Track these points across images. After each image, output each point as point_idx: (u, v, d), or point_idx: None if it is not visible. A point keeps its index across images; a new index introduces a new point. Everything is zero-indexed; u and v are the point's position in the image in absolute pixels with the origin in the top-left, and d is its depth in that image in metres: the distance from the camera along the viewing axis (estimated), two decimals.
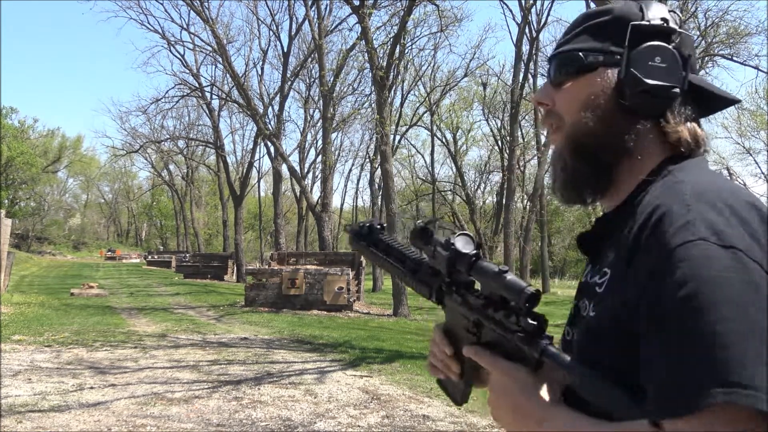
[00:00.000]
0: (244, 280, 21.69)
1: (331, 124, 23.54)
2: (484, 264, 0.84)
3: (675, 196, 0.79)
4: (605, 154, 0.89)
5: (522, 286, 0.79)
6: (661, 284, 0.72)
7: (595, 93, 0.89)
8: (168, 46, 26.78)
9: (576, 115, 0.90)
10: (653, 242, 0.76)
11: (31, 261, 40.00)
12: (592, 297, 0.88)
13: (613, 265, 0.85)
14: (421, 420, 5.68)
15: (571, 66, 0.91)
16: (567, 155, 0.92)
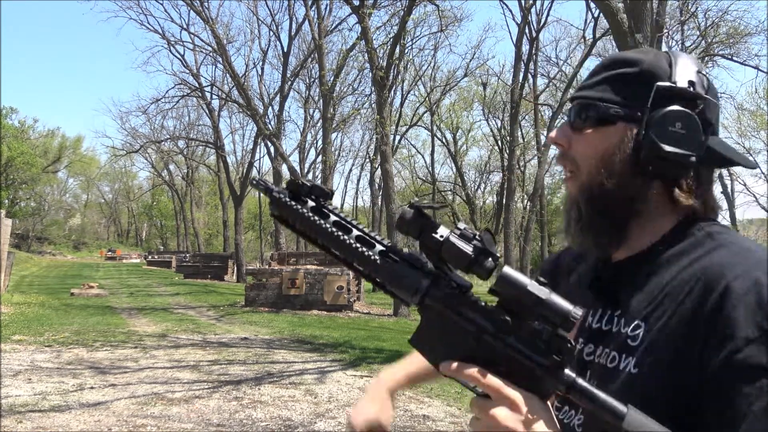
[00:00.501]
0: (244, 280, 21.70)
1: (331, 124, 23.54)
2: (515, 274, 0.75)
3: (756, 266, 0.78)
4: (620, 211, 0.89)
5: (568, 309, 0.72)
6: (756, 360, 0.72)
7: (611, 148, 0.89)
8: (168, 46, 26.78)
9: (592, 167, 0.90)
10: (746, 312, 0.74)
11: (31, 261, 40.00)
12: (625, 349, 0.85)
13: (652, 318, 0.83)
14: (421, 420, 5.68)
15: (591, 114, 0.90)
16: (582, 205, 0.91)
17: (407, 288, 0.77)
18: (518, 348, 0.75)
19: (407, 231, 0.77)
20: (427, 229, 0.76)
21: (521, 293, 0.73)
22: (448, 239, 0.75)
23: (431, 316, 0.78)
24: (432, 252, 0.77)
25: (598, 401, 0.73)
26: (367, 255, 0.78)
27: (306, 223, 0.81)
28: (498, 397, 0.74)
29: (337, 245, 0.80)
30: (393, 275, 0.78)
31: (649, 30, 7.75)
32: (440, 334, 0.78)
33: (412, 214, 0.77)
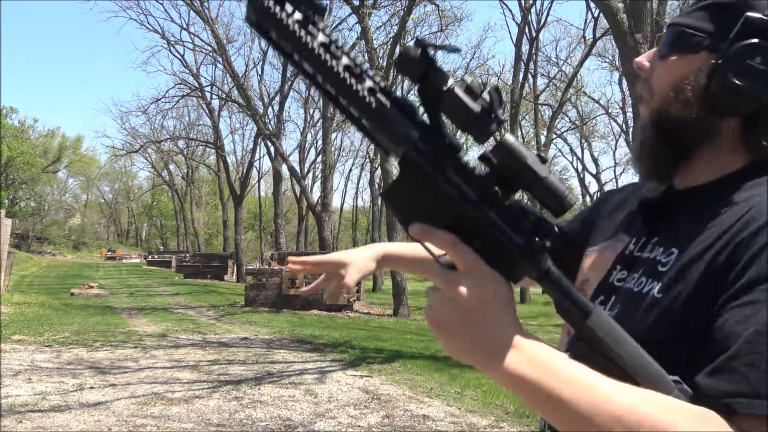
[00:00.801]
0: (244, 280, 21.70)
1: (331, 124, 23.55)
2: (516, 143, 0.67)
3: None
4: (684, 140, 0.86)
5: (564, 192, 0.67)
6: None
7: (687, 76, 0.84)
8: (168, 46, 26.84)
9: (664, 94, 0.86)
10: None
11: (31, 261, 40.00)
12: (653, 274, 0.82)
13: (687, 247, 0.80)
14: (421, 420, 5.68)
15: (678, 41, 0.87)
16: (649, 132, 0.89)
17: (394, 135, 0.67)
18: (498, 224, 0.68)
19: (407, 71, 0.67)
20: (431, 74, 0.67)
21: (519, 166, 0.66)
22: (452, 89, 0.66)
23: (412, 172, 0.69)
24: (429, 101, 0.68)
25: (570, 295, 0.68)
26: (355, 89, 0.66)
27: (288, 36, 0.66)
28: (467, 270, 0.66)
29: (321, 70, 0.66)
30: (381, 117, 0.67)
31: (649, 30, 7.75)
32: (417, 194, 0.69)
33: (417, 52, 0.67)
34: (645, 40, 7.68)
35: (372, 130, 0.69)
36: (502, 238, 0.67)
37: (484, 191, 0.68)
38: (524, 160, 0.66)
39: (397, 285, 15.58)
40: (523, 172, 0.66)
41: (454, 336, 0.67)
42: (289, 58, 0.68)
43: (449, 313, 0.67)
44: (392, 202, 0.71)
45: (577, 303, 0.69)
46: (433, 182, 0.68)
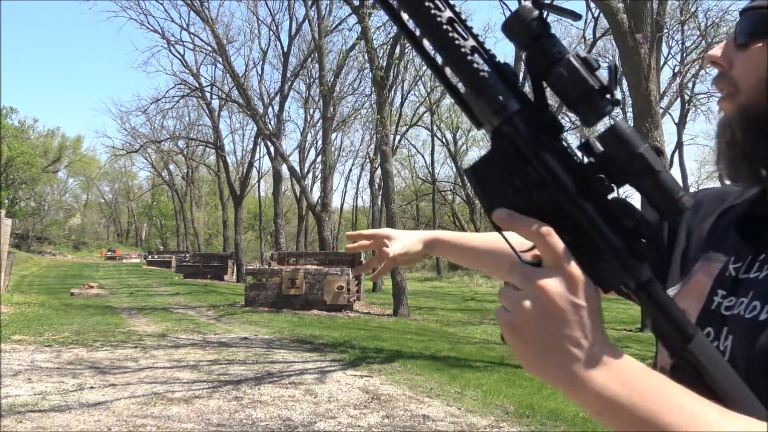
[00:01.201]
0: (244, 280, 21.70)
1: (331, 124, 23.54)
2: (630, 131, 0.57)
3: None
4: None
5: (680, 192, 0.57)
6: None
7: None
8: (168, 46, 26.84)
9: (755, 87, 0.75)
10: None
11: (31, 261, 40.01)
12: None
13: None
14: (421, 420, 5.68)
15: (763, 27, 0.74)
16: (738, 129, 0.76)
17: (491, 102, 0.59)
18: (596, 221, 0.58)
19: (517, 32, 0.59)
20: (544, 38, 0.58)
21: (631, 156, 0.57)
22: (567, 58, 0.57)
23: (504, 149, 0.60)
24: (538, 70, 0.60)
25: (670, 314, 0.59)
26: (457, 44, 0.58)
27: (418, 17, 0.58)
28: (556, 265, 0.56)
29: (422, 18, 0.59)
30: (480, 80, 0.59)
31: (649, 30, 7.75)
32: (506, 173, 0.60)
33: (533, 12, 0.58)
34: (645, 40, 7.68)
35: (466, 94, 0.61)
36: (597, 238, 0.58)
37: (585, 181, 0.59)
38: (637, 150, 0.57)
39: (397, 285, 15.58)
40: (636, 163, 0.57)
41: (531, 340, 0.56)
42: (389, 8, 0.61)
43: (528, 313, 0.56)
44: (478, 180, 0.62)
45: (679, 324, 0.60)
46: (527, 163, 0.59)
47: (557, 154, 0.59)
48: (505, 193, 0.60)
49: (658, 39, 8.08)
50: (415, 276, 36.21)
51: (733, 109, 0.77)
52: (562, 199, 0.58)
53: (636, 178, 0.57)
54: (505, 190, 0.60)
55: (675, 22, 19.45)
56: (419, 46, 0.61)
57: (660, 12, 8.45)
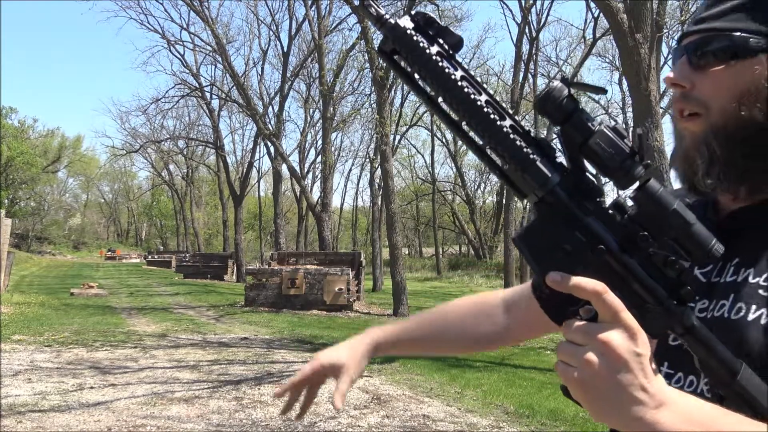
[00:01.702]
0: (244, 280, 21.70)
1: (331, 124, 23.55)
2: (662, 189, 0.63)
3: None
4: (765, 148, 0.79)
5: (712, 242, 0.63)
6: None
7: (755, 83, 0.78)
8: (168, 46, 26.83)
9: (728, 105, 0.79)
10: None
11: (31, 261, 40.00)
12: (755, 299, 0.76)
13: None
14: (421, 420, 5.68)
15: (727, 48, 0.79)
16: (718, 146, 0.80)
17: (535, 176, 0.64)
18: (640, 274, 0.63)
19: (550, 111, 0.64)
20: (577, 113, 0.64)
21: (665, 213, 0.62)
22: (601, 129, 0.63)
23: (549, 217, 0.65)
24: (574, 144, 0.64)
25: (716, 352, 0.64)
26: (499, 125, 0.64)
27: (430, 68, 0.64)
28: (615, 319, 0.60)
29: (463, 104, 0.64)
30: (522, 157, 0.64)
31: (649, 30, 7.75)
32: (554, 239, 0.65)
33: (564, 92, 0.63)
34: (645, 40, 7.68)
35: (510, 170, 0.66)
36: (643, 291, 0.64)
37: (627, 239, 0.64)
38: (671, 207, 0.62)
39: (397, 285, 15.58)
40: (671, 220, 0.62)
41: (601, 393, 0.60)
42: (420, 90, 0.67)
43: (595, 368, 0.60)
44: (527, 248, 0.67)
45: (724, 361, 0.64)
46: (573, 228, 0.65)
47: (600, 216, 0.65)
48: (555, 257, 0.65)
49: (658, 39, 8.08)
50: (415, 276, 36.20)
51: (705, 128, 0.80)
52: (609, 258, 0.64)
53: (672, 232, 0.62)
54: (554, 255, 0.65)
55: (675, 22, 19.44)
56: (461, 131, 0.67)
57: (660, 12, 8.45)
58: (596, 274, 0.63)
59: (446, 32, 0.66)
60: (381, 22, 0.66)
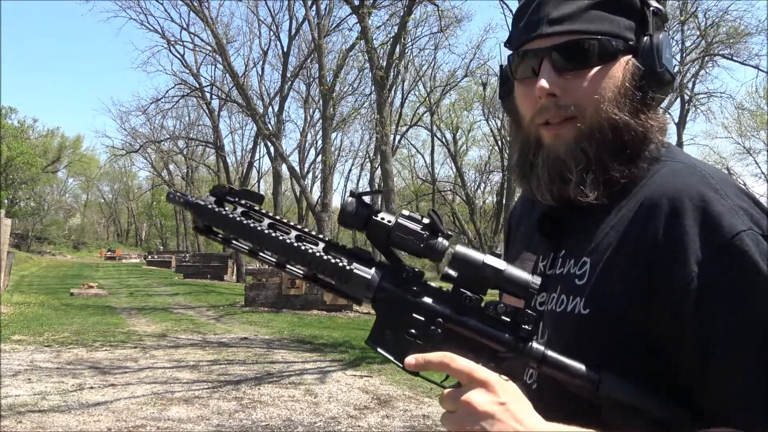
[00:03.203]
0: (244, 280, 21.70)
1: (330, 124, 23.52)
2: (469, 251, 0.71)
3: (701, 180, 0.73)
4: (634, 145, 0.81)
5: (527, 279, 0.70)
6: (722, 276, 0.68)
7: (619, 83, 0.80)
8: (168, 46, 26.78)
9: (600, 106, 0.80)
10: (695, 226, 0.70)
11: (31, 261, 39.98)
12: (572, 290, 0.79)
13: (597, 254, 0.78)
14: (421, 420, 5.68)
15: (595, 52, 0.79)
16: (590, 147, 0.80)
17: (358, 284, 0.72)
18: (482, 329, 0.71)
19: (352, 223, 0.72)
20: (373, 219, 0.72)
21: (478, 268, 0.70)
22: (397, 221, 0.71)
23: (387, 311, 0.73)
24: (380, 240, 0.71)
25: (571, 370, 0.71)
26: (311, 251, 0.71)
27: (236, 228, 0.72)
28: (470, 380, 0.68)
29: (275, 247, 0.72)
30: (341, 272, 0.71)
31: None
32: (399, 329, 0.72)
33: (354, 204, 0.72)
34: None
35: (336, 283, 0.73)
36: (492, 342, 0.71)
37: (458, 304, 0.71)
38: (480, 262, 0.70)
39: None
40: (482, 272, 0.70)
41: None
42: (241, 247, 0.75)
43: (467, 427, 0.67)
44: (381, 346, 0.74)
45: (581, 376, 0.71)
46: (409, 312, 0.72)
47: (428, 294, 0.72)
48: (405, 344, 0.72)
49: None
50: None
51: (578, 133, 0.81)
52: (450, 326, 0.71)
53: (491, 282, 0.70)
54: (403, 342, 0.72)
55: (675, 22, 19.44)
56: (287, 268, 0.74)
57: None
58: (447, 344, 0.71)
59: (247, 194, 0.75)
60: (186, 204, 0.74)
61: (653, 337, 0.72)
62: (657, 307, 0.71)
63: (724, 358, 0.67)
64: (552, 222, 0.87)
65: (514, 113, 0.88)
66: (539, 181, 0.84)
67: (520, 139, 0.87)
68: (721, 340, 0.68)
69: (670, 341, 0.71)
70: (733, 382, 0.67)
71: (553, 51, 0.80)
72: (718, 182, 0.73)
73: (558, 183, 0.82)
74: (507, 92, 0.90)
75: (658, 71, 0.80)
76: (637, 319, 0.72)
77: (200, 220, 0.74)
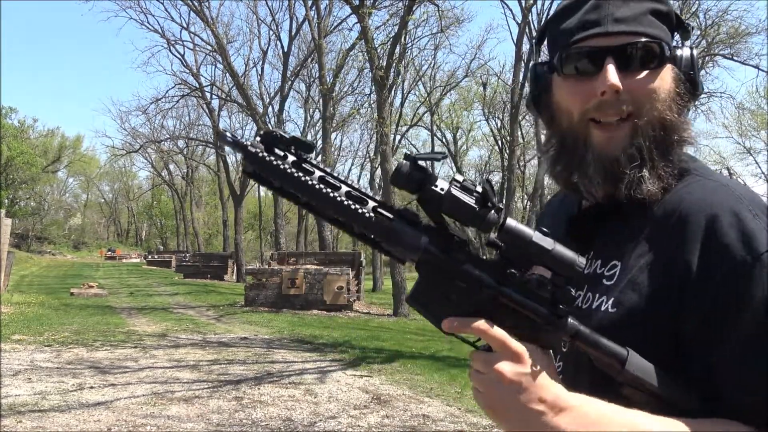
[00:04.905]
0: (244, 280, 21.70)
1: (330, 124, 23.53)
2: (519, 225, 0.73)
3: (737, 201, 0.79)
4: (673, 148, 0.86)
5: (573, 259, 0.72)
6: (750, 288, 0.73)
7: (669, 87, 0.86)
8: (168, 46, 26.80)
9: (654, 105, 0.84)
10: (730, 243, 0.75)
11: (31, 261, 39.98)
12: (599, 289, 0.85)
13: (629, 257, 0.83)
14: (421, 420, 5.68)
15: (655, 55, 0.84)
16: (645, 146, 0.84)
17: (406, 245, 0.74)
18: (521, 300, 0.73)
19: (404, 185, 0.73)
20: (426, 182, 0.72)
21: (526, 244, 0.72)
22: (449, 191, 0.71)
23: (430, 273, 0.75)
24: (431, 206, 0.73)
25: (602, 346, 0.75)
26: (361, 212, 0.73)
27: (288, 179, 0.73)
28: (502, 349, 0.72)
29: (325, 202, 0.73)
30: (389, 232, 0.73)
31: None
32: (440, 291, 0.75)
33: (408, 166, 0.73)
34: None
35: (383, 242, 0.75)
36: (527, 313, 0.74)
37: (500, 274, 0.74)
38: (529, 239, 0.72)
39: (396, 285, 15.56)
40: (530, 249, 0.72)
41: (508, 414, 0.72)
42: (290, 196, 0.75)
43: (498, 394, 0.72)
44: (419, 304, 0.76)
45: (611, 354, 0.75)
46: (450, 276, 0.74)
47: (472, 262, 0.74)
48: (446, 306, 0.74)
49: None
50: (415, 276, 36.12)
51: (632, 131, 0.85)
52: (490, 293, 0.73)
53: (536, 259, 0.72)
54: (445, 304, 0.74)
55: None
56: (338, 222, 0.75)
57: None
58: (486, 311, 0.73)
59: (297, 142, 0.74)
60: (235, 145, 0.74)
61: (677, 339, 0.77)
62: (687, 314, 0.76)
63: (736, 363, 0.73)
64: (583, 224, 0.91)
65: (553, 109, 0.90)
66: (590, 178, 0.86)
67: (560, 136, 0.90)
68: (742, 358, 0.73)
69: (695, 342, 0.76)
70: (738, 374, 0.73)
71: (619, 49, 0.83)
72: (750, 203, 0.79)
73: (611, 181, 0.85)
74: (543, 89, 0.92)
75: (697, 81, 0.86)
76: (663, 324, 0.77)
77: (250, 166, 0.74)
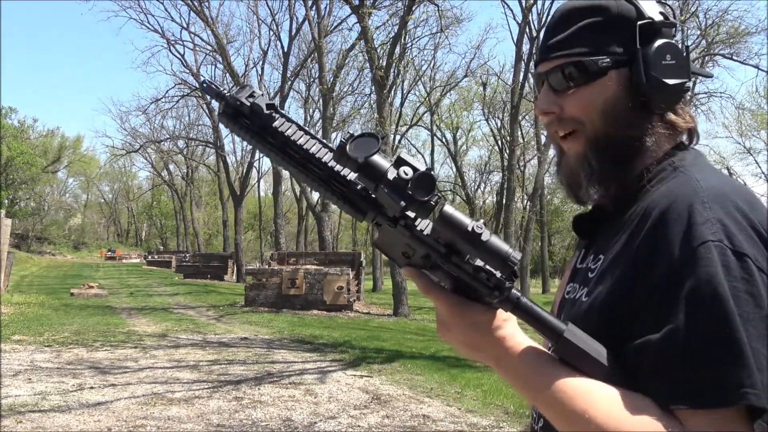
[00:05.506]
0: (244, 280, 21.70)
1: (330, 124, 23.53)
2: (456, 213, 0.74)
3: (693, 194, 0.80)
4: (631, 154, 0.90)
5: (507, 251, 0.74)
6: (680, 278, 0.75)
7: (611, 97, 0.89)
8: (168, 46, 26.85)
9: (596, 119, 0.90)
10: (672, 234, 0.78)
11: (31, 261, 39.98)
12: (584, 282, 0.91)
13: (609, 251, 0.88)
14: (421, 420, 5.67)
15: (582, 74, 0.90)
16: (594, 159, 0.91)
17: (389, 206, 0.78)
18: (465, 269, 0.78)
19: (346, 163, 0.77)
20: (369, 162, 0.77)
21: (462, 233, 0.73)
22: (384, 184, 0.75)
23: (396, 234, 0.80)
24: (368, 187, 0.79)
25: (541, 318, 0.79)
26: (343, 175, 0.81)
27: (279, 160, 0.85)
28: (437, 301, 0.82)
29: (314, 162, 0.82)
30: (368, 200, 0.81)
31: None
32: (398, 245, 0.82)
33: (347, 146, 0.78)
34: None
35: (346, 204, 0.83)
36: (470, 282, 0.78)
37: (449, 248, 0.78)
38: (465, 228, 0.73)
39: (397, 285, 15.56)
40: (466, 238, 0.74)
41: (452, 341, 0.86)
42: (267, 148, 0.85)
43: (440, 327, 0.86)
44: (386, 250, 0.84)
45: (549, 324, 0.79)
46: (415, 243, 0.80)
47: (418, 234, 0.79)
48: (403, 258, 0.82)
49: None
50: None
51: (583, 144, 0.92)
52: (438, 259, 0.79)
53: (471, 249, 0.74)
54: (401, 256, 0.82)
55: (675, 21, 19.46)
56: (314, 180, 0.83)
57: None
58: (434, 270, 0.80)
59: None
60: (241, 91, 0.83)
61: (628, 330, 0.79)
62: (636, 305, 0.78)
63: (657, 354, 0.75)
64: (585, 221, 0.99)
65: None
66: (564, 186, 0.98)
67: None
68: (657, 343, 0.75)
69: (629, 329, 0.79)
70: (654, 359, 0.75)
71: (548, 74, 0.93)
72: (709, 196, 0.79)
73: (575, 189, 0.95)
74: None
75: (644, 82, 0.87)
76: (618, 311, 0.80)
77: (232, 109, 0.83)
